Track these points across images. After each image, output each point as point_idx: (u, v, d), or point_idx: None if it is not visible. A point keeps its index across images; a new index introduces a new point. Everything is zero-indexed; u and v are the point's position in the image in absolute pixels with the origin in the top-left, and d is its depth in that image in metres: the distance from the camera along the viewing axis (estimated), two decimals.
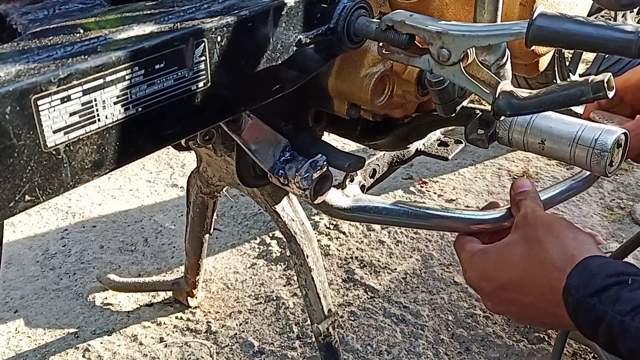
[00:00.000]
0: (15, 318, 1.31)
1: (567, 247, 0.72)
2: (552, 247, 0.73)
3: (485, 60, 0.68)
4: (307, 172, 0.74)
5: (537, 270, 0.73)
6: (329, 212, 0.90)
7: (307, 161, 0.74)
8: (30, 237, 1.54)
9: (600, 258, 0.70)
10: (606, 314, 0.64)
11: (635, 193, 1.62)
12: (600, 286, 0.65)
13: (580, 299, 0.66)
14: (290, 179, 0.74)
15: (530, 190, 0.81)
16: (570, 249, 0.71)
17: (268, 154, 0.77)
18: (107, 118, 0.54)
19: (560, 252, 0.72)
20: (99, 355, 1.22)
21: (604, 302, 0.65)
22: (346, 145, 1.72)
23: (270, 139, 0.78)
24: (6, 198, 0.49)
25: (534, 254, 0.74)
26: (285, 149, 0.77)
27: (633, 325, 0.62)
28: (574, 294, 0.67)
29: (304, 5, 0.67)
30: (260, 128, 0.78)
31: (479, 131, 0.81)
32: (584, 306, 0.66)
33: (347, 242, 1.48)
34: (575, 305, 0.67)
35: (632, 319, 0.62)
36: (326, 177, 0.76)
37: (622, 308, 0.63)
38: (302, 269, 1.01)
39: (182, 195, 1.67)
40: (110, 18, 0.61)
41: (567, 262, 0.70)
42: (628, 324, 0.62)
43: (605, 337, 0.65)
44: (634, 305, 0.63)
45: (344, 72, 0.80)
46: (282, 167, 0.76)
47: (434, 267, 1.40)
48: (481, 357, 1.19)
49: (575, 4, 0.89)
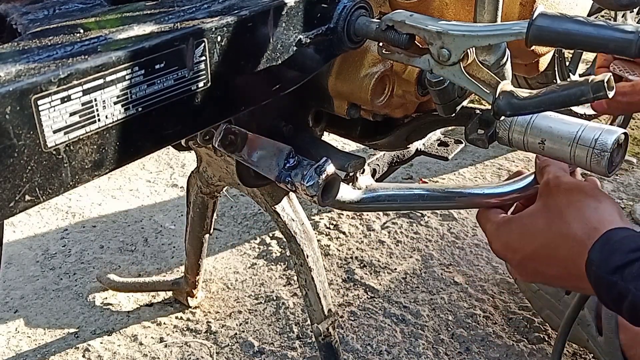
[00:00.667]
0: (15, 318, 1.31)
1: (588, 219, 0.70)
2: (573, 218, 0.71)
3: (485, 60, 0.68)
4: (312, 179, 0.73)
5: (559, 243, 0.72)
6: (342, 207, 0.89)
7: (311, 166, 0.74)
8: (30, 237, 1.54)
9: (623, 230, 0.68)
10: (629, 291, 0.63)
11: (635, 193, 1.62)
12: (622, 262, 0.64)
13: (602, 275, 0.65)
14: (298, 186, 0.74)
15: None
16: (592, 221, 0.70)
17: (272, 165, 0.76)
18: (107, 118, 0.54)
19: (582, 224, 0.70)
20: (99, 355, 1.22)
21: (625, 278, 0.63)
22: (346, 145, 1.72)
23: (271, 150, 0.77)
24: (6, 198, 0.49)
25: (555, 226, 0.72)
26: (289, 156, 0.75)
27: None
28: (595, 270, 0.66)
29: (304, 5, 0.67)
30: (258, 142, 0.78)
31: (479, 131, 0.81)
32: (605, 283, 0.65)
33: (347, 242, 1.48)
34: (597, 282, 0.66)
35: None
36: (333, 180, 0.75)
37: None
38: (302, 269, 1.01)
39: (182, 195, 1.67)
40: (110, 18, 0.61)
41: (588, 236, 0.68)
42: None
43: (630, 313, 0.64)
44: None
45: (344, 72, 0.80)
46: (288, 175, 0.75)
47: (434, 267, 1.40)
48: (481, 357, 1.19)
49: (575, 4, 0.89)
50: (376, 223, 1.53)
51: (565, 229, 0.71)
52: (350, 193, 0.89)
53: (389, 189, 0.90)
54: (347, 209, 0.89)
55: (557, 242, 0.72)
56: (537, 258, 0.75)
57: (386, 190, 0.90)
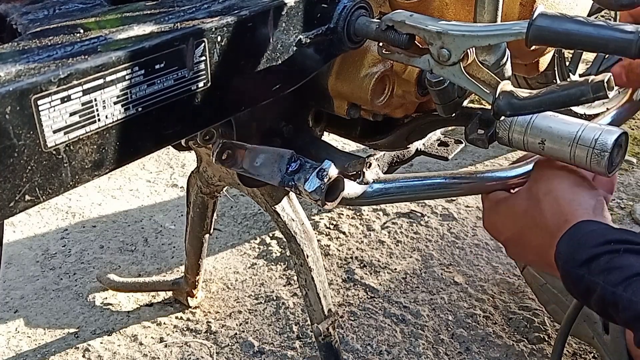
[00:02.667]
0: (15, 318, 1.31)
1: (562, 210, 0.70)
2: (549, 207, 0.71)
3: (485, 60, 0.68)
4: (314, 184, 0.73)
5: (532, 232, 0.72)
6: (349, 204, 0.89)
7: (314, 170, 0.73)
8: (30, 237, 1.54)
9: (592, 224, 0.67)
10: (597, 284, 0.62)
11: (635, 193, 1.62)
12: (588, 256, 0.64)
13: (570, 269, 0.65)
14: (301, 190, 0.74)
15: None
16: (565, 212, 0.70)
17: (274, 171, 0.76)
18: (107, 118, 0.54)
19: (555, 214, 0.70)
20: (99, 355, 1.22)
21: (592, 272, 0.63)
22: (346, 145, 1.72)
23: (272, 157, 0.76)
24: (6, 198, 0.49)
25: (531, 213, 0.73)
26: (290, 160, 0.75)
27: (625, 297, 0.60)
28: (563, 264, 0.66)
29: (304, 5, 0.67)
30: (257, 151, 0.78)
31: (479, 131, 0.81)
32: (573, 277, 0.65)
33: (347, 242, 1.48)
34: (564, 275, 0.66)
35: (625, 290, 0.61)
36: (337, 181, 0.75)
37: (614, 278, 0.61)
38: (302, 269, 1.01)
39: (182, 195, 1.67)
40: (110, 18, 0.61)
41: (558, 227, 0.68)
42: (620, 295, 0.61)
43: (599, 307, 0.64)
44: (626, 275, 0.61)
45: (344, 72, 0.80)
46: (292, 179, 0.74)
47: (434, 267, 1.40)
48: (481, 357, 1.19)
49: (575, 4, 0.89)
50: (376, 223, 1.53)
51: (539, 217, 0.72)
52: (356, 189, 0.88)
53: (395, 182, 0.90)
54: (354, 204, 0.89)
55: (531, 230, 0.73)
56: (516, 242, 0.76)
57: (393, 183, 0.90)
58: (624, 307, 0.60)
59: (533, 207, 0.73)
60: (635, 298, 0.60)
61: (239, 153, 0.77)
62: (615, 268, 0.62)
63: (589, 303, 0.65)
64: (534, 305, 1.27)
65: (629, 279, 0.61)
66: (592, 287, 0.63)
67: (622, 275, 0.61)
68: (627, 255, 0.63)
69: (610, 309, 0.62)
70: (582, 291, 0.65)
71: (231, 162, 0.77)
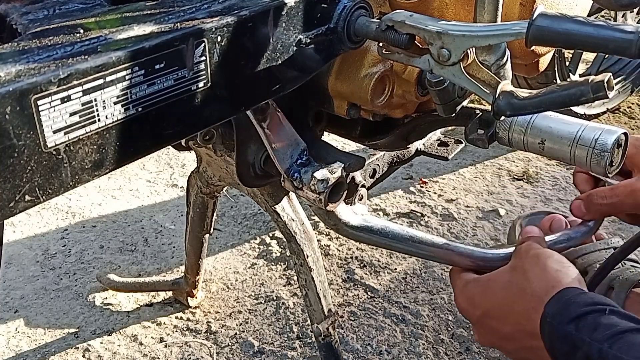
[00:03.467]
0: (15, 318, 1.31)
1: (549, 278, 0.72)
2: (535, 276, 0.73)
3: (485, 60, 0.68)
4: (324, 176, 0.73)
5: (517, 298, 0.73)
6: (336, 226, 0.89)
7: (324, 166, 0.74)
8: (30, 237, 1.54)
9: (580, 290, 0.69)
10: (583, 341, 0.63)
11: None
12: (577, 314, 0.65)
13: (557, 326, 0.66)
14: (305, 183, 0.74)
15: (536, 235, 0.82)
16: (552, 280, 0.71)
17: (286, 154, 0.76)
18: (107, 118, 0.54)
19: (542, 282, 0.72)
20: (99, 355, 1.22)
21: (581, 329, 0.64)
22: (346, 145, 1.72)
23: (290, 139, 0.76)
24: (6, 198, 0.49)
25: (516, 282, 0.74)
26: (302, 152, 0.75)
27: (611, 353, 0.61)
28: (551, 321, 0.67)
29: (304, 5, 0.67)
30: (282, 124, 0.77)
31: (479, 131, 0.81)
32: (560, 334, 0.66)
33: (347, 242, 1.48)
34: (551, 334, 0.67)
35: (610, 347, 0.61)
36: (340, 185, 0.75)
37: (600, 335, 0.62)
38: (302, 269, 1.01)
39: (182, 195, 1.67)
40: (110, 18, 0.61)
41: (546, 292, 0.70)
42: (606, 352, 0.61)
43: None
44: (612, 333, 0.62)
45: (344, 72, 0.80)
46: (298, 170, 0.75)
47: (434, 267, 1.40)
48: (481, 357, 1.19)
49: (575, 4, 0.89)
50: None
51: (525, 285, 0.73)
52: (348, 214, 0.89)
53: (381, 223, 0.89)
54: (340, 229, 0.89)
55: (515, 297, 0.73)
56: (493, 314, 0.76)
57: (379, 224, 0.89)
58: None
59: (519, 277, 0.74)
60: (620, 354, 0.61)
61: (270, 112, 0.77)
62: (602, 325, 0.63)
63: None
64: None
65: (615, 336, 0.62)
66: (578, 344, 0.64)
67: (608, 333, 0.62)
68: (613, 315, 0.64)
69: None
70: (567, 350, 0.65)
71: (262, 116, 0.77)
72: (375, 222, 0.89)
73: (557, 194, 1.63)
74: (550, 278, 0.72)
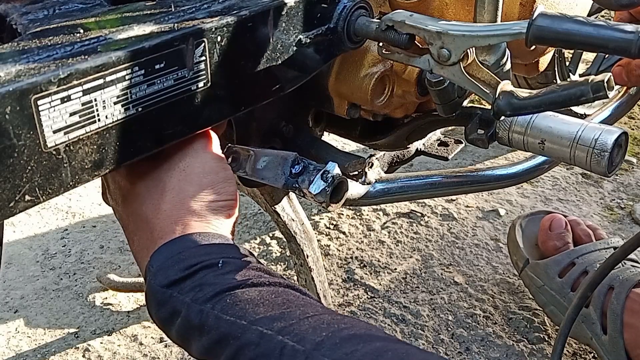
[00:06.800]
0: (15, 318, 1.31)
1: (176, 208, 0.59)
2: (169, 199, 0.59)
3: (485, 60, 0.68)
4: (319, 187, 0.72)
5: (140, 222, 0.60)
6: (352, 204, 0.89)
7: (318, 172, 0.73)
8: (30, 237, 1.54)
9: (202, 234, 0.57)
10: (183, 304, 0.52)
11: (635, 193, 1.62)
12: (183, 274, 0.54)
13: (158, 288, 0.55)
14: (306, 192, 0.73)
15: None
16: (175, 215, 0.58)
17: (278, 174, 0.75)
18: (107, 118, 0.54)
19: (168, 213, 0.59)
20: (99, 355, 1.22)
21: (183, 291, 0.53)
22: (346, 145, 1.72)
23: (275, 160, 0.75)
24: (6, 198, 0.49)
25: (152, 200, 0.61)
26: (294, 162, 0.74)
27: (213, 313, 0.51)
28: (151, 280, 0.55)
29: (304, 5, 0.67)
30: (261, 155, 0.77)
31: (479, 131, 0.81)
32: (159, 298, 0.55)
33: (347, 242, 1.48)
34: (152, 295, 0.55)
35: (213, 307, 0.52)
36: (341, 184, 0.74)
37: (203, 295, 0.52)
38: (302, 269, 1.01)
39: None
40: (110, 18, 0.61)
41: (162, 233, 0.58)
42: (207, 313, 0.51)
43: (180, 333, 0.54)
44: (217, 291, 0.52)
45: (344, 72, 0.80)
46: (295, 181, 0.74)
47: (434, 267, 1.40)
48: (481, 357, 1.19)
49: (575, 4, 0.89)
50: (376, 223, 1.53)
51: (151, 212, 0.60)
52: (359, 189, 0.88)
53: (398, 181, 0.90)
54: (357, 204, 0.89)
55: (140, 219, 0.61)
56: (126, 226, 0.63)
57: (396, 183, 0.90)
58: (210, 328, 0.51)
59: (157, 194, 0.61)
60: (222, 314, 0.51)
61: (244, 157, 0.77)
62: (207, 284, 0.53)
63: (170, 334, 0.55)
64: (534, 305, 1.27)
65: (219, 295, 0.52)
66: (178, 307, 0.53)
67: (211, 291, 0.52)
68: (226, 268, 0.54)
69: (194, 333, 0.52)
70: (166, 315, 0.54)
71: (236, 166, 0.77)
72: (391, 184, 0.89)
73: (557, 194, 1.62)
74: (176, 211, 0.58)
